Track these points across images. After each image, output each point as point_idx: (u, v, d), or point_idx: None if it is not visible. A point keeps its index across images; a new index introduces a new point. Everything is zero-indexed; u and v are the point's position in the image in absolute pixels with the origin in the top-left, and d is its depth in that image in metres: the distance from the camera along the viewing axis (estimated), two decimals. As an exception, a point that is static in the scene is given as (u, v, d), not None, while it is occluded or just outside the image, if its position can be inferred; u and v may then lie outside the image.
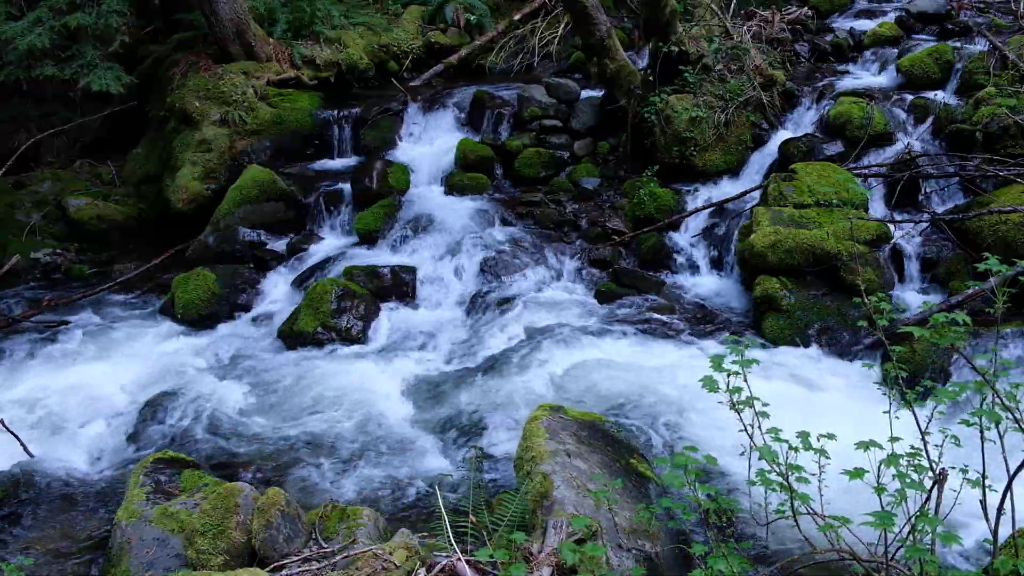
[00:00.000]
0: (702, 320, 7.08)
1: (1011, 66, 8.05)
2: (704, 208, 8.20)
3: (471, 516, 3.84)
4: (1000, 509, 2.77)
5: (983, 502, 2.82)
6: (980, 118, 7.53)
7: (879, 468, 2.81)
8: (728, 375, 2.99)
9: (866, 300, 3.16)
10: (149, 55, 10.80)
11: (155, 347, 7.22)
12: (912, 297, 6.86)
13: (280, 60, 10.17)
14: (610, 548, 3.56)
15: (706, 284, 7.69)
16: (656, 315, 7.12)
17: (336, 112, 9.87)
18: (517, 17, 11.76)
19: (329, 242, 8.61)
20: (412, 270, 7.83)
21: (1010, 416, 2.71)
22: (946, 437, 2.98)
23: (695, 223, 8.19)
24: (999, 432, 2.71)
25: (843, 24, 11.02)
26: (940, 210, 7.42)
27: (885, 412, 3.00)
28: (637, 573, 3.32)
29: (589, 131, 9.50)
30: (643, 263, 7.94)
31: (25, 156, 10.21)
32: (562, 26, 11.49)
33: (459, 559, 3.46)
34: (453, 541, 3.57)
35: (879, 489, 2.84)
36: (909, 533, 2.74)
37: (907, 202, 7.56)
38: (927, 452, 2.88)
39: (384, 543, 3.80)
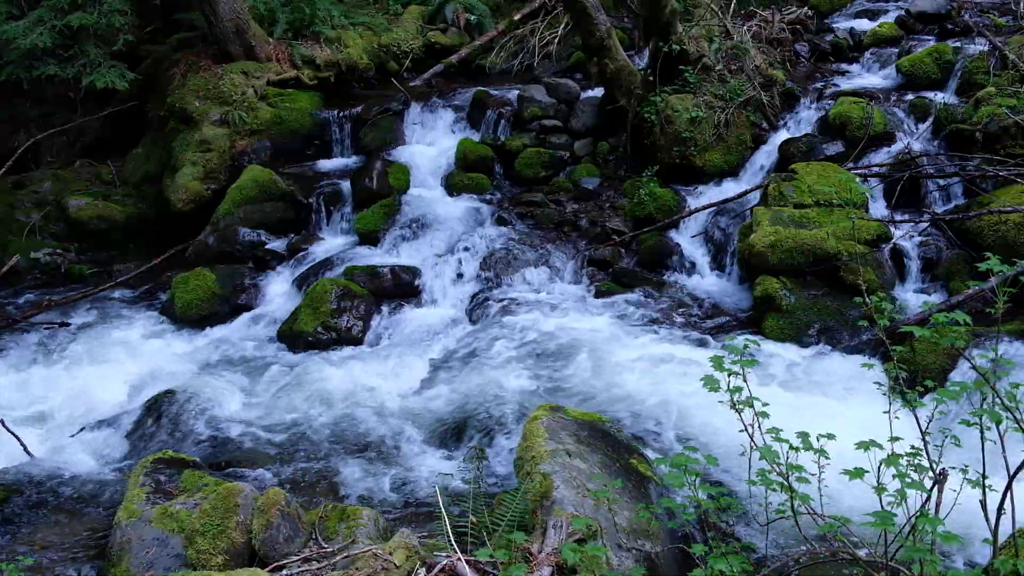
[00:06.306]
0: (702, 320, 7.08)
1: (1011, 66, 8.04)
2: (704, 208, 8.19)
3: (471, 516, 3.84)
4: (1000, 509, 2.77)
5: (983, 502, 2.82)
6: (980, 118, 7.52)
7: (879, 468, 2.80)
8: (728, 375, 2.99)
9: (867, 300, 3.16)
10: (149, 55, 10.80)
11: (155, 347, 7.23)
12: (912, 297, 6.86)
13: (280, 60, 10.16)
14: (610, 548, 3.55)
15: (706, 284, 7.68)
16: (656, 315, 7.12)
17: (336, 112, 9.86)
18: (517, 17, 11.75)
19: (329, 242, 8.61)
20: (412, 270, 7.83)
21: (1010, 416, 2.71)
22: (946, 437, 2.98)
23: (695, 223, 8.18)
24: (999, 432, 2.72)
25: (843, 24, 11.03)
26: (940, 210, 7.42)
27: (885, 412, 3.00)
28: (637, 573, 3.31)
29: (589, 131, 9.49)
30: (643, 263, 7.94)
31: (25, 156, 10.21)
32: (562, 26, 11.47)
33: (459, 559, 3.45)
34: (453, 541, 3.56)
35: (879, 489, 2.84)
36: (909, 533, 2.74)
37: (907, 202, 7.56)
38: (927, 452, 2.88)
39: (384, 543, 3.80)
